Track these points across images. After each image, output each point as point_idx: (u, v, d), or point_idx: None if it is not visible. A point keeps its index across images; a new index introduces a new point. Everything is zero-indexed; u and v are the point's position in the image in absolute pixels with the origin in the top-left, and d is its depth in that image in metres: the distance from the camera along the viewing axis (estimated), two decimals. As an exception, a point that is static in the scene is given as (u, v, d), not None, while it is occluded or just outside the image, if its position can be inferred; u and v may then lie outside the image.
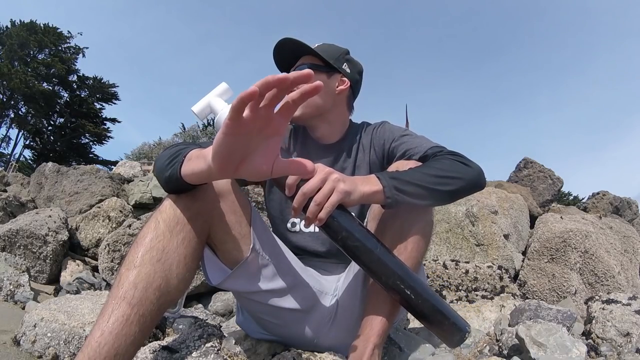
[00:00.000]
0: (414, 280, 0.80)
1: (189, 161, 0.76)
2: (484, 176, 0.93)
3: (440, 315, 0.81)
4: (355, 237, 0.78)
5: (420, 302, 0.80)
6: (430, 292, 0.82)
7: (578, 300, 2.49)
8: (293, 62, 1.17)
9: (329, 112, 1.15)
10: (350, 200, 0.78)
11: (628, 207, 5.27)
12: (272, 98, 0.58)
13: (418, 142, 1.04)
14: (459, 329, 0.83)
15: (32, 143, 21.17)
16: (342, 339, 1.00)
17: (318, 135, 1.18)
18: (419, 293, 0.80)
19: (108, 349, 0.70)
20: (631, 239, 2.99)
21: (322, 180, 0.76)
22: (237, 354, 1.02)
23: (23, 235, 2.57)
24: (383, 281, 0.80)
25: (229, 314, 2.35)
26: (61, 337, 1.23)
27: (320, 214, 0.74)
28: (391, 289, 0.80)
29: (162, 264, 0.78)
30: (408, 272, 0.80)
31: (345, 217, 0.78)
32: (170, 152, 0.84)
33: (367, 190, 0.81)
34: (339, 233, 0.78)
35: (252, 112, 0.59)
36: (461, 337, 0.83)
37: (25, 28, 19.89)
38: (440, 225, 2.85)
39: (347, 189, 0.77)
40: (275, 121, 0.62)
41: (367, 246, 0.78)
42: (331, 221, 0.77)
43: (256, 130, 0.62)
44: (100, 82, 21.75)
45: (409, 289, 0.79)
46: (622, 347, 1.27)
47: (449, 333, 0.83)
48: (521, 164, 5.21)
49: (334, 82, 1.15)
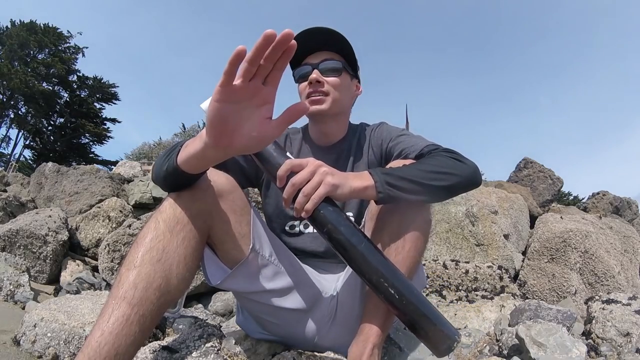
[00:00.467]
0: (400, 280, 0.78)
1: (185, 148, 0.77)
2: (479, 173, 0.93)
3: (425, 320, 0.78)
4: (339, 231, 0.78)
5: (405, 304, 0.77)
6: (418, 295, 0.79)
7: (578, 300, 2.49)
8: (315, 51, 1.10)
9: (344, 113, 1.17)
10: (339, 194, 0.79)
11: (628, 207, 5.28)
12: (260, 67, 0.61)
13: (414, 141, 1.04)
14: (447, 337, 0.78)
15: (32, 143, 21.18)
16: (341, 338, 1.00)
17: (325, 133, 1.17)
18: (403, 294, 0.77)
19: (108, 349, 0.70)
20: (631, 239, 2.99)
21: (311, 173, 0.78)
22: (237, 354, 1.02)
23: (23, 235, 2.57)
24: (367, 278, 0.79)
25: (229, 314, 2.36)
26: (61, 337, 1.23)
27: (307, 205, 0.76)
28: (374, 287, 0.79)
29: (162, 264, 0.78)
30: (394, 271, 0.79)
31: (332, 211, 0.79)
32: (166, 150, 0.87)
33: (358, 185, 0.81)
34: (324, 225, 0.78)
35: (243, 81, 0.62)
36: (449, 346, 0.79)
37: (25, 28, 19.89)
38: (440, 225, 2.85)
39: (335, 182, 0.78)
40: (265, 90, 0.65)
41: (351, 241, 0.78)
42: (317, 213, 0.78)
43: (246, 98, 0.64)
44: (100, 82, 21.75)
45: (392, 288, 0.77)
46: (622, 347, 1.27)
47: (435, 340, 0.79)
48: (521, 164, 5.22)
49: (353, 85, 1.17)
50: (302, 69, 1.10)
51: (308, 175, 0.78)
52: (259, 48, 0.59)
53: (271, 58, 0.60)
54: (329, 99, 1.08)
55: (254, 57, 0.59)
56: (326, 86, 1.08)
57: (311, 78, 1.06)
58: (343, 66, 1.10)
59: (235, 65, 0.60)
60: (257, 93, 0.65)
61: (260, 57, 0.60)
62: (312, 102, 1.08)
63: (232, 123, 0.67)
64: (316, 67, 1.08)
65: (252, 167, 1.11)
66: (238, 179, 0.95)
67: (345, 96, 1.13)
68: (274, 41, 0.58)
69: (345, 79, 1.11)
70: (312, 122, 1.18)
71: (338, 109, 1.12)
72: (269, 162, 0.82)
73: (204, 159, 0.75)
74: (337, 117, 1.15)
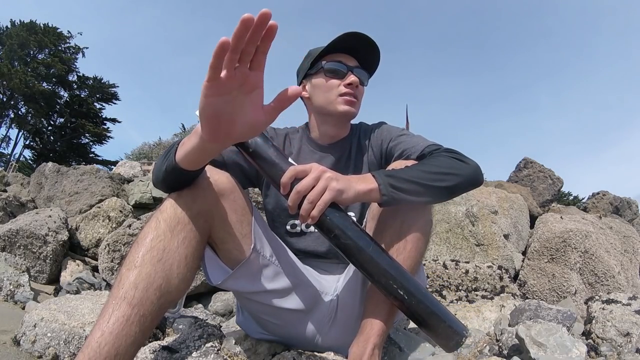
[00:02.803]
0: (408, 280, 0.79)
1: (182, 145, 0.78)
2: (481, 172, 0.93)
3: (435, 317, 0.80)
4: (347, 235, 0.78)
5: (414, 303, 0.79)
6: (426, 294, 0.81)
7: (578, 300, 2.49)
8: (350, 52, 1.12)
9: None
10: (344, 199, 0.79)
11: (628, 207, 5.28)
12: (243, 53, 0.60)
13: (415, 141, 1.04)
14: (456, 333, 0.81)
15: (32, 143, 21.18)
16: (342, 338, 1.00)
17: (332, 134, 1.17)
18: (412, 294, 0.78)
19: (108, 349, 0.70)
20: (631, 239, 2.99)
21: (316, 179, 0.77)
22: (237, 354, 1.02)
23: (23, 235, 2.57)
24: (376, 280, 0.80)
25: (229, 314, 2.36)
26: (61, 337, 1.23)
27: (313, 211, 0.76)
28: (384, 288, 0.80)
29: (163, 263, 0.78)
30: (402, 272, 0.80)
31: (338, 216, 0.79)
32: (164, 152, 0.86)
33: (363, 188, 0.81)
34: (331, 231, 0.79)
35: (228, 71, 0.61)
36: (457, 342, 0.81)
37: (25, 28, 19.90)
38: (440, 225, 2.85)
39: (339, 187, 0.78)
40: (252, 76, 0.64)
41: (359, 245, 0.78)
42: (324, 219, 0.78)
43: (235, 87, 0.64)
44: (100, 82, 21.76)
45: (402, 289, 0.78)
46: (622, 347, 1.27)
47: (444, 336, 0.81)
48: (521, 164, 5.22)
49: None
50: (337, 65, 1.10)
51: (312, 181, 0.77)
52: (239, 35, 0.57)
53: (252, 41, 0.59)
54: (358, 104, 1.12)
55: (235, 45, 0.58)
56: (357, 91, 1.11)
57: (354, 81, 1.09)
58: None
59: (220, 57, 0.59)
60: (245, 80, 0.64)
61: (242, 44, 0.59)
62: (347, 102, 1.09)
63: (226, 115, 0.67)
64: (352, 71, 1.10)
65: (253, 167, 1.10)
66: (239, 178, 0.95)
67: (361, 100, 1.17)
68: (253, 24, 0.57)
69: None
70: (326, 122, 1.16)
71: (356, 116, 1.16)
72: (271, 169, 0.82)
73: (203, 153, 0.75)
74: (349, 122, 1.19)
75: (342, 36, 1.08)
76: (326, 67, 1.10)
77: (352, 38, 1.09)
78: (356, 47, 1.11)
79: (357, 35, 1.08)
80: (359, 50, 1.11)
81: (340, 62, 1.10)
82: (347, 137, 1.19)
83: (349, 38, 1.09)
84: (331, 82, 1.10)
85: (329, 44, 1.10)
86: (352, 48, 1.11)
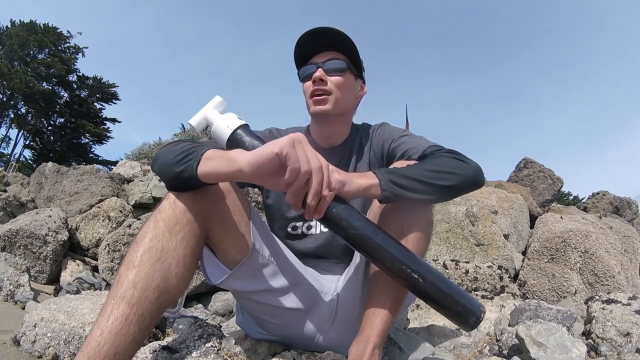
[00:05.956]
0: (419, 263, 0.80)
1: (207, 160, 0.77)
2: (482, 173, 0.93)
3: (450, 298, 0.80)
4: (355, 226, 0.79)
5: (429, 285, 0.79)
6: (438, 275, 0.81)
7: (578, 300, 2.49)
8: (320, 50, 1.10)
9: (348, 113, 1.17)
10: (346, 191, 0.79)
11: (628, 207, 5.28)
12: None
13: (417, 142, 1.04)
14: (472, 311, 0.80)
15: (32, 143, 21.17)
16: (342, 338, 1.00)
17: (328, 135, 1.17)
18: (425, 277, 0.78)
19: (107, 348, 0.70)
20: (631, 239, 2.99)
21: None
22: (237, 354, 1.02)
23: (23, 235, 2.57)
24: (389, 267, 0.80)
25: (229, 314, 2.35)
26: (61, 337, 1.23)
27: (320, 205, 0.76)
28: (397, 274, 0.80)
29: (161, 263, 0.78)
30: (412, 256, 0.80)
31: (343, 208, 0.80)
32: (179, 148, 0.82)
33: (364, 182, 0.82)
34: (338, 224, 0.79)
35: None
36: (476, 319, 0.81)
37: (25, 28, 19.88)
38: (440, 225, 2.84)
39: (342, 178, 0.79)
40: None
41: (368, 234, 0.79)
42: (330, 212, 0.79)
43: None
44: (100, 82, 21.74)
45: (415, 272, 0.78)
46: (622, 347, 1.27)
47: (462, 316, 0.81)
48: (521, 164, 5.22)
49: (357, 85, 1.16)
50: (306, 68, 1.10)
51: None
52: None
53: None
54: (332, 98, 1.08)
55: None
56: (329, 85, 1.07)
57: (315, 76, 1.06)
58: (347, 66, 1.09)
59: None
60: None
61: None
62: (316, 102, 1.08)
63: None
64: (320, 66, 1.07)
65: None
66: None
67: (349, 96, 1.12)
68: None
69: (349, 78, 1.10)
70: (316, 123, 1.18)
71: (341, 109, 1.11)
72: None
73: (232, 179, 0.78)
74: (340, 118, 1.14)
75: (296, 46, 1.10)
76: (300, 74, 1.13)
77: (306, 41, 1.08)
78: (318, 44, 1.09)
79: (309, 35, 1.06)
80: (321, 44, 1.09)
81: (311, 63, 1.09)
82: (350, 139, 1.19)
83: (304, 42, 1.09)
84: (305, 85, 1.11)
85: (294, 57, 1.12)
86: (315, 46, 1.09)
